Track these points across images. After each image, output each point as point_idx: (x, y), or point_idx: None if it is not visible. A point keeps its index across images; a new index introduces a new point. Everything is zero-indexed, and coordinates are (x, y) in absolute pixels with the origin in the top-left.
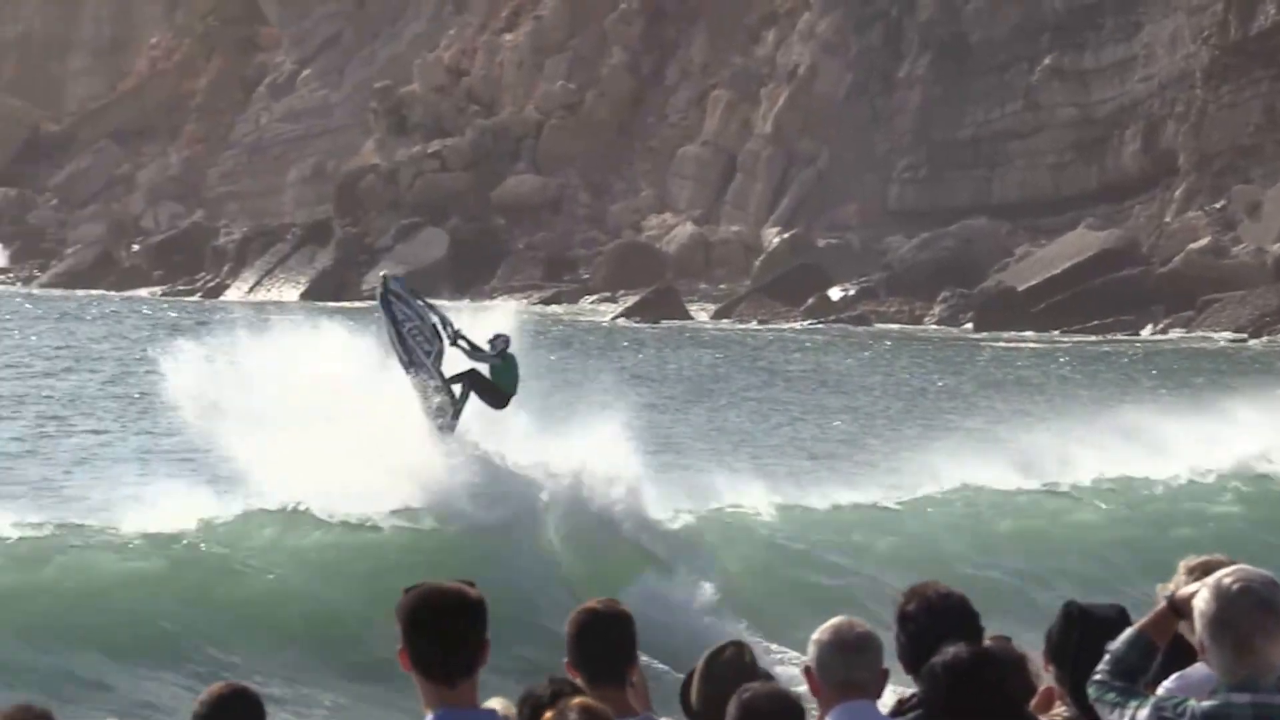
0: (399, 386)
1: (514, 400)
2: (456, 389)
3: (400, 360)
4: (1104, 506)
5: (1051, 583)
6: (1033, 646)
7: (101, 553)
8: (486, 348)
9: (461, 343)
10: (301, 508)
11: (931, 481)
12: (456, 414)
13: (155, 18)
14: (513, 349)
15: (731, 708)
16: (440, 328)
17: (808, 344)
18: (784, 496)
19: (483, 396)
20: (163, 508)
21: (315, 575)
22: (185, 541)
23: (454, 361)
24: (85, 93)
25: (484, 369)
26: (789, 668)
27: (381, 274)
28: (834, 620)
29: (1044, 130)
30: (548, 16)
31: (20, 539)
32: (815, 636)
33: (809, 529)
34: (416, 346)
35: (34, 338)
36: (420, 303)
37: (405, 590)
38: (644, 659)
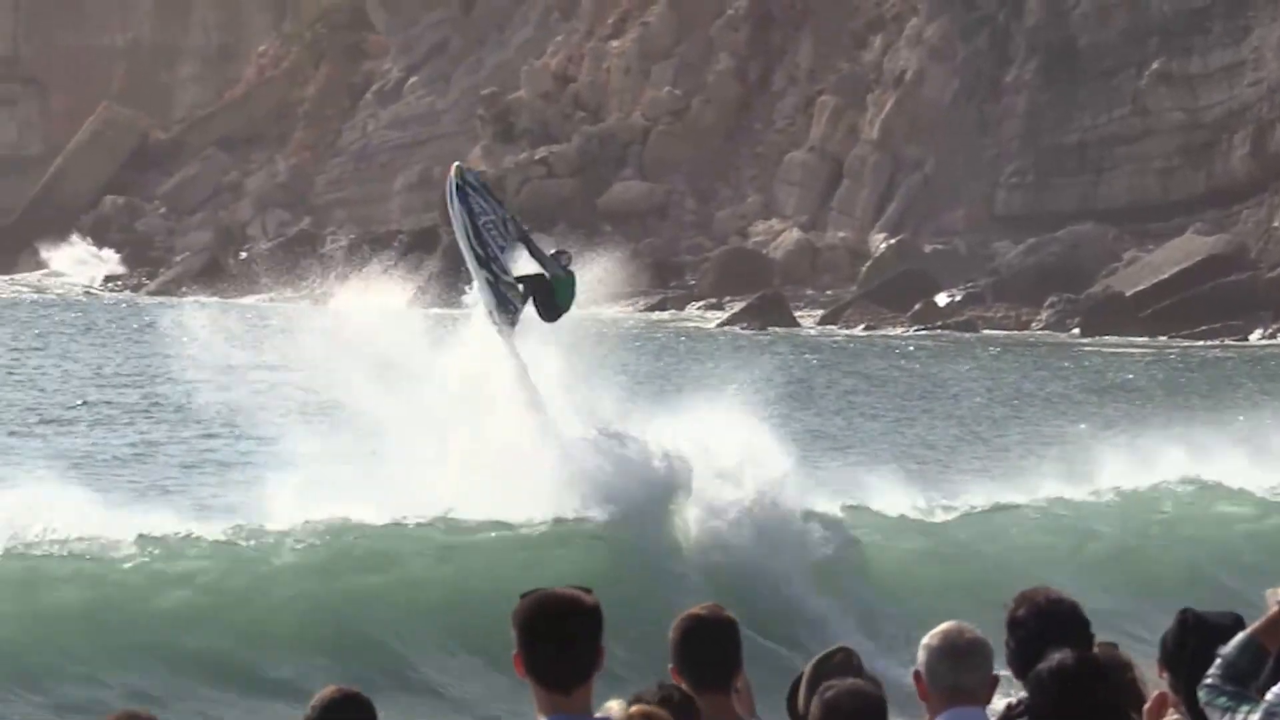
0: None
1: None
2: (520, 290)
3: (475, 255)
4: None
5: (1217, 575)
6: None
7: (249, 549)
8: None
9: (530, 243)
10: (449, 514)
11: (1067, 482)
12: (517, 315)
13: (264, 26)
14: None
15: (814, 706)
16: (509, 224)
17: (914, 350)
18: (919, 496)
19: (539, 303)
20: (304, 509)
21: (461, 570)
22: (334, 538)
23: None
24: (194, 100)
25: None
26: None
27: (455, 165)
28: (944, 625)
29: (1151, 135)
30: (654, 23)
31: (165, 535)
32: (925, 641)
33: (954, 524)
34: (491, 241)
35: (142, 344)
36: (493, 198)
37: (521, 596)
38: (771, 645)
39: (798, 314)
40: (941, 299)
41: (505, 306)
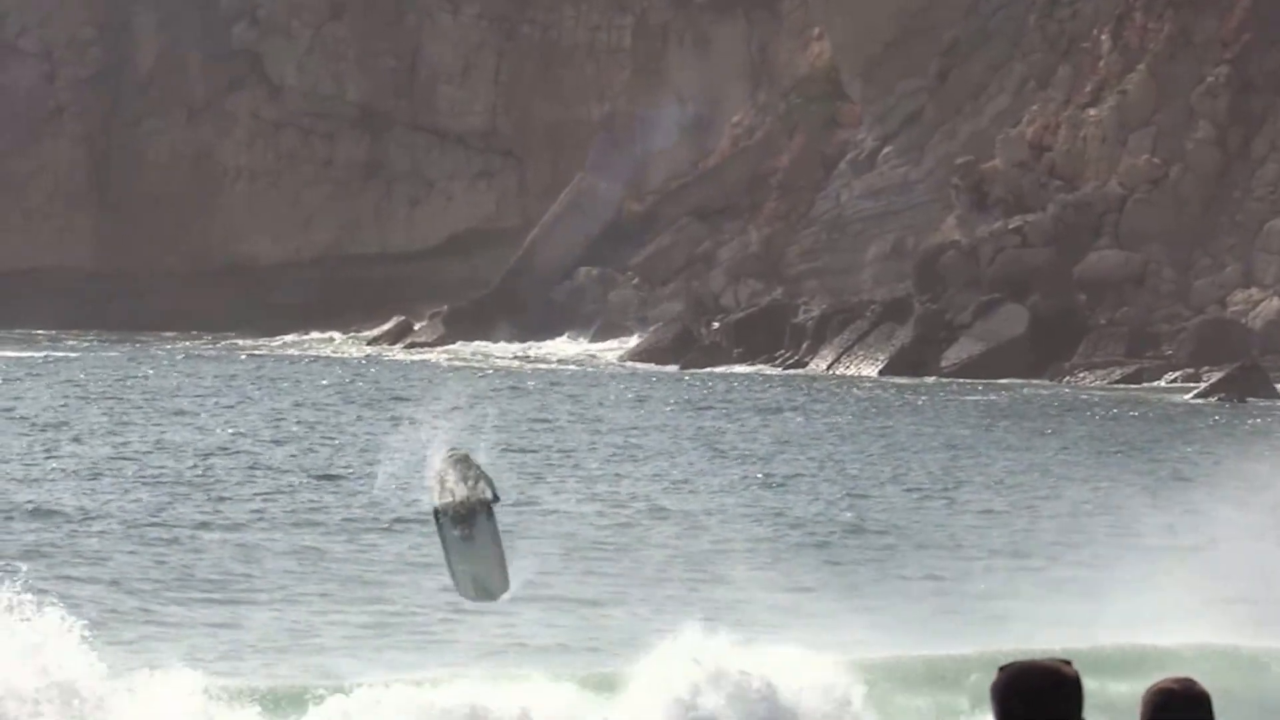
0: None
1: None
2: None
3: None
4: None
5: None
6: None
7: None
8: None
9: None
10: None
11: None
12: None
13: (739, 97)
14: None
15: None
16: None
17: None
18: None
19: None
20: None
21: None
22: None
23: None
24: (668, 171)
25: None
26: None
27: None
28: None
29: None
30: (1133, 91)
31: None
32: None
33: None
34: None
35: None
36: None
37: (999, 669)
38: None
39: (1279, 385)
40: None
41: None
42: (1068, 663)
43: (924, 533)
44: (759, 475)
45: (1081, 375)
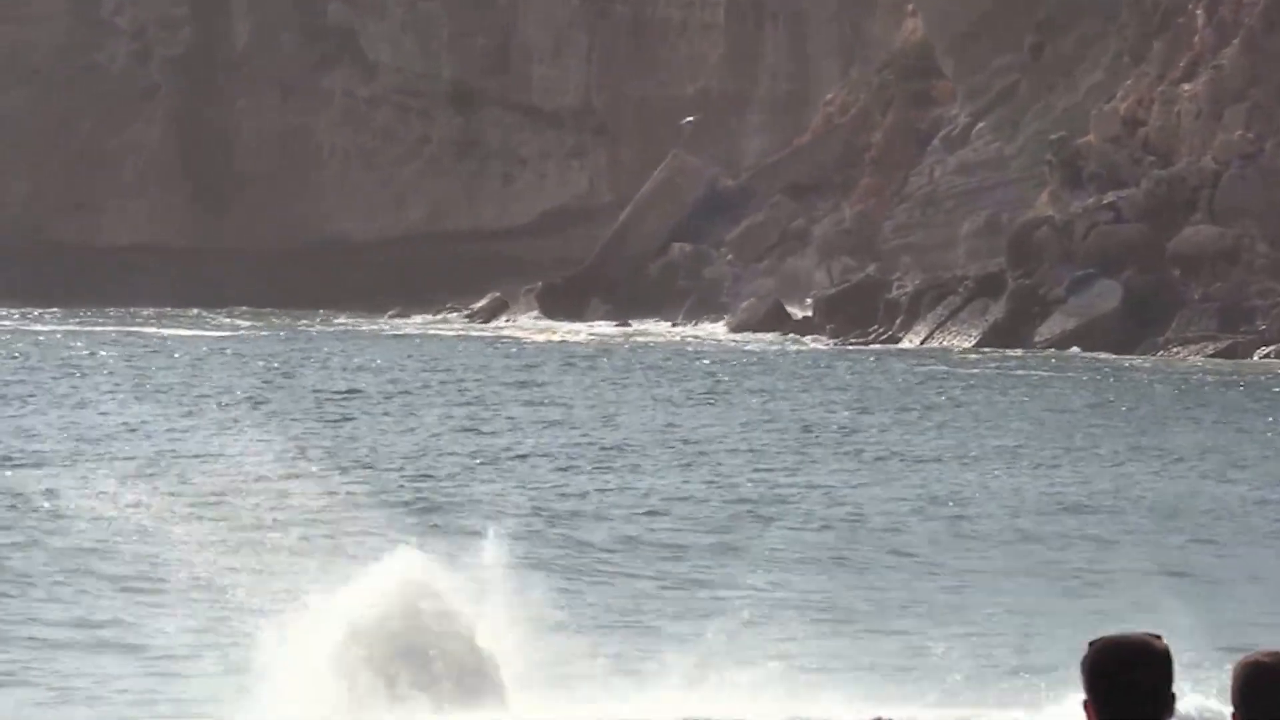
0: None
1: None
2: None
3: None
4: None
5: None
6: None
7: None
8: None
9: None
10: None
11: None
12: None
13: (832, 74)
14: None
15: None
16: None
17: None
18: None
19: None
20: None
21: None
22: None
23: None
24: (761, 148)
25: None
26: None
27: None
28: None
29: None
30: (1227, 66)
31: None
32: None
33: None
34: None
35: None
36: None
37: (1089, 643)
38: None
39: None
40: None
41: None
42: (1158, 636)
43: None
44: None
45: (1175, 350)
